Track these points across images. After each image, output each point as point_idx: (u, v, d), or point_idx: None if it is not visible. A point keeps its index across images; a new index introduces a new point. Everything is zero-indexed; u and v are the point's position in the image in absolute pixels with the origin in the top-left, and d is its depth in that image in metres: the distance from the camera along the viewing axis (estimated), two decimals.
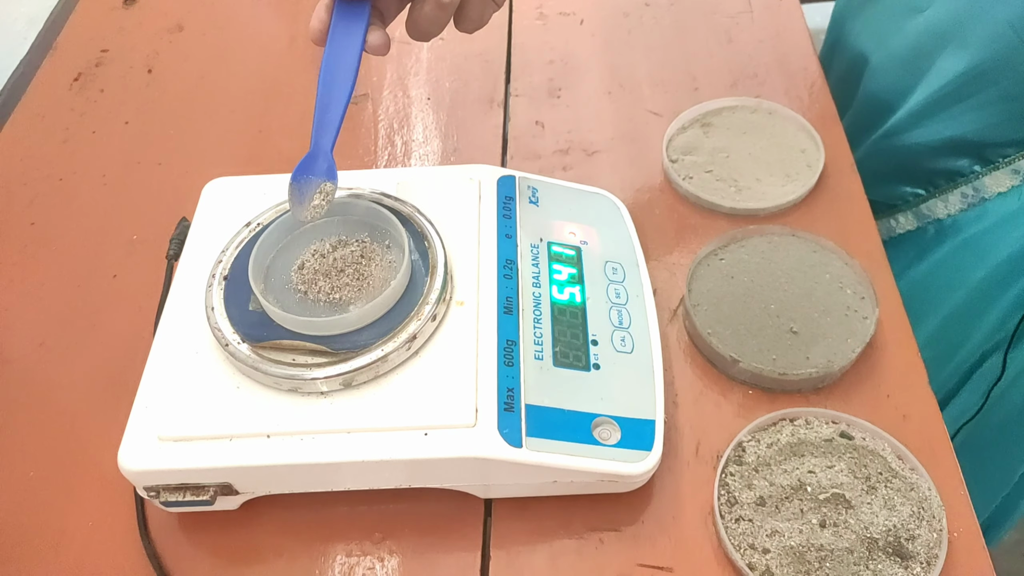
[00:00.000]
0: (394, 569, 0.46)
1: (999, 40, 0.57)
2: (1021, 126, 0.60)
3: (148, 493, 0.45)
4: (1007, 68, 0.58)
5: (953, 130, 0.64)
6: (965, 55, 0.60)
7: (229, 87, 0.75)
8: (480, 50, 0.75)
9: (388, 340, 0.45)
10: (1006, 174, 0.63)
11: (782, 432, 0.49)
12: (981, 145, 0.63)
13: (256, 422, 0.44)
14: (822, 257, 0.55)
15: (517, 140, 0.68)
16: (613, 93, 0.71)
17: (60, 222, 0.66)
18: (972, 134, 0.63)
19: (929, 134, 0.65)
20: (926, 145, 0.66)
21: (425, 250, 0.49)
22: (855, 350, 0.50)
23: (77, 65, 0.78)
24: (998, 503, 0.80)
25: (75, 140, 0.72)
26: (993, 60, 0.58)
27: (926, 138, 0.66)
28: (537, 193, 0.56)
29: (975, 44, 0.59)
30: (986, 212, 0.65)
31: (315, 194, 0.47)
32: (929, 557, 0.44)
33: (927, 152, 0.67)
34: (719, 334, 0.52)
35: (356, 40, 0.46)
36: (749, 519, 0.46)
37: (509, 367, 0.46)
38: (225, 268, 0.49)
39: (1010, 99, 0.59)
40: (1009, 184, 0.63)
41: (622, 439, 0.45)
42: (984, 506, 0.81)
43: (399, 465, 0.43)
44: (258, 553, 0.48)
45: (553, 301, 0.50)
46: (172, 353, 0.47)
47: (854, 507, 0.45)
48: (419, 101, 0.72)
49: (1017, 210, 0.63)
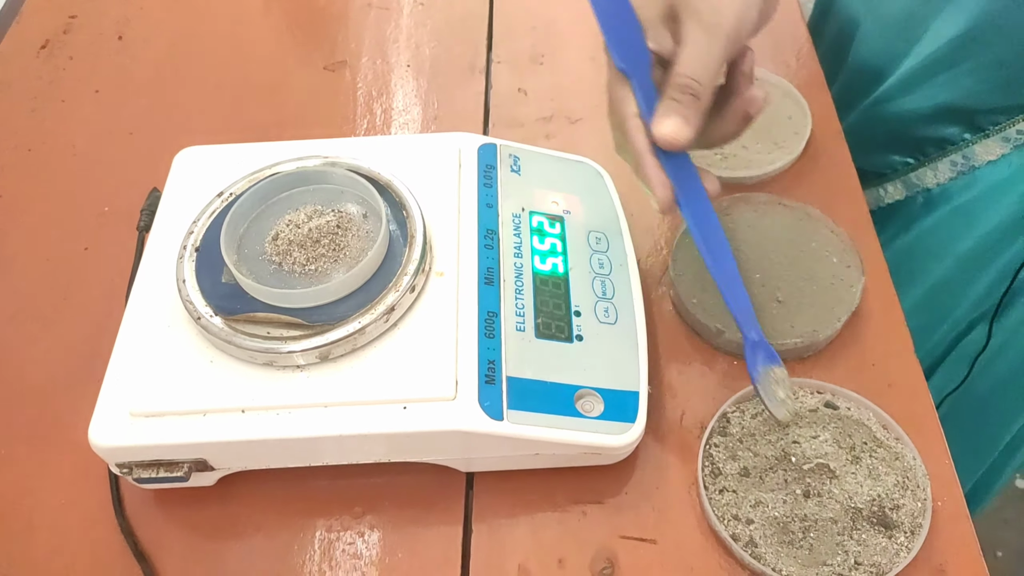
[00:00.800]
0: (375, 543, 0.46)
1: (994, 2, 0.56)
2: (1012, 93, 0.60)
3: (121, 470, 0.44)
4: (1001, 31, 0.57)
5: (944, 97, 0.63)
6: (959, 18, 0.59)
7: (201, 54, 0.73)
8: (461, 16, 0.73)
9: (365, 312, 0.44)
10: (996, 142, 0.62)
11: None
12: (972, 112, 0.62)
13: (230, 397, 0.43)
14: (808, 226, 0.55)
15: (499, 108, 0.66)
16: (597, 59, 0.69)
17: (29, 194, 0.64)
18: (963, 101, 0.62)
19: (920, 100, 0.64)
20: (916, 112, 0.65)
21: (403, 220, 0.48)
22: (840, 319, 0.50)
23: (44, 32, 0.75)
24: (982, 472, 0.81)
25: (43, 109, 0.69)
26: (987, 23, 0.57)
27: (917, 105, 0.65)
28: (519, 161, 0.54)
29: (969, 6, 0.58)
30: (976, 181, 0.64)
31: (774, 386, 0.44)
32: (913, 526, 0.43)
33: (917, 120, 0.66)
34: (703, 304, 0.51)
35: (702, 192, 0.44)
36: (733, 490, 0.45)
37: (490, 339, 0.45)
38: (197, 239, 0.47)
39: (1002, 65, 0.58)
40: (999, 152, 0.62)
41: (605, 411, 0.44)
42: (969, 475, 0.81)
43: (378, 439, 0.43)
44: (236, 529, 0.47)
45: (535, 272, 0.49)
46: (143, 327, 0.46)
47: (838, 477, 0.45)
48: (399, 68, 0.70)
49: (1007, 178, 0.62)
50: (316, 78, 0.70)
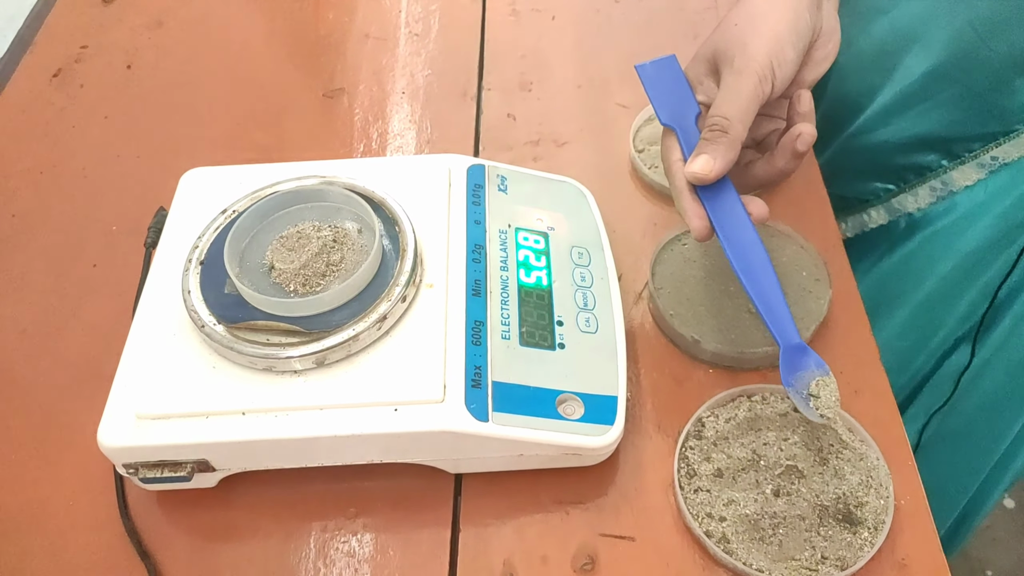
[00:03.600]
0: (367, 543, 0.48)
1: (961, 39, 0.59)
2: (984, 121, 0.62)
3: (127, 470, 0.46)
4: (969, 66, 0.60)
5: (920, 127, 0.66)
6: (929, 55, 0.62)
7: (206, 82, 0.76)
8: (454, 45, 0.77)
9: (359, 320, 0.46)
10: (972, 168, 0.64)
11: (740, 408, 0.51)
12: (947, 140, 0.65)
13: (231, 400, 0.45)
14: (779, 242, 0.58)
15: (489, 132, 0.69)
16: (583, 87, 0.73)
17: (41, 214, 0.67)
18: (938, 130, 0.65)
19: (897, 132, 0.67)
20: (894, 142, 0.68)
21: (396, 235, 0.51)
22: (809, 329, 0.53)
23: (57, 61, 0.79)
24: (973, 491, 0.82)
25: (55, 134, 0.73)
26: (955, 59, 0.60)
27: (894, 135, 0.67)
28: (506, 181, 0.57)
29: (938, 44, 0.61)
30: (954, 205, 0.66)
31: (821, 389, 0.47)
32: (876, 523, 0.46)
33: (895, 149, 0.68)
34: (681, 315, 0.54)
35: (742, 218, 0.47)
36: (707, 490, 0.48)
37: (477, 346, 0.48)
38: (201, 253, 0.50)
39: (973, 95, 0.61)
40: (976, 177, 0.64)
41: (585, 414, 0.47)
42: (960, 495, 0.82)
43: (370, 440, 0.45)
44: (235, 530, 0.49)
45: (520, 284, 0.52)
46: (150, 335, 0.48)
47: (806, 477, 0.47)
48: (394, 95, 0.74)
49: (983, 202, 0.64)
50: (315, 104, 0.73)
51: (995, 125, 0.62)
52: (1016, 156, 0.62)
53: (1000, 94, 0.60)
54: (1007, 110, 0.60)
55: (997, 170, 0.63)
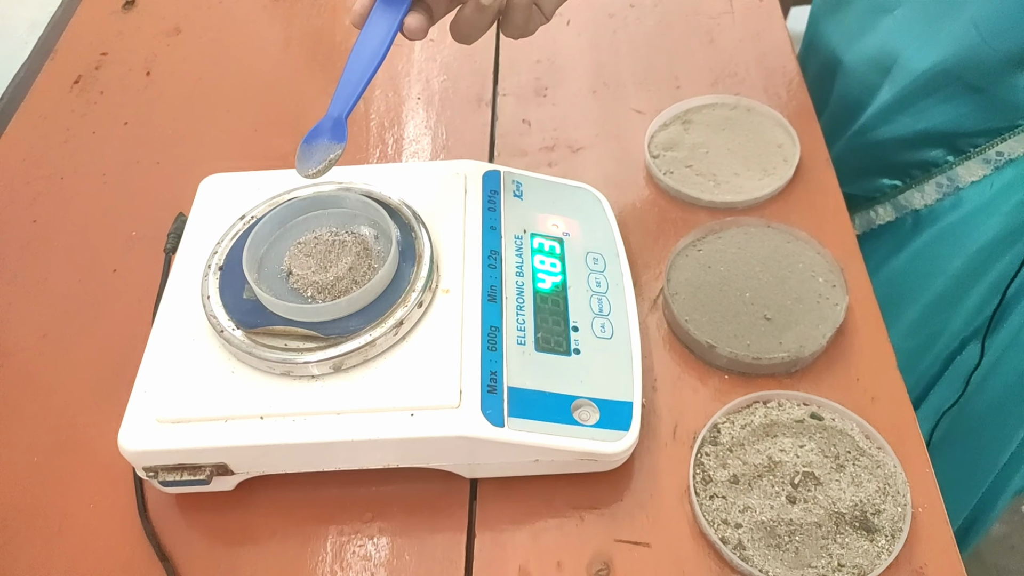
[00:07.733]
0: (384, 547, 0.48)
1: (963, 38, 0.60)
2: (989, 116, 0.62)
3: (147, 473, 0.47)
4: (971, 64, 0.60)
5: (924, 123, 0.66)
6: (931, 52, 0.62)
7: (225, 88, 0.77)
8: (469, 51, 0.77)
9: (376, 326, 0.47)
10: (978, 163, 0.65)
11: (756, 414, 0.51)
12: (952, 136, 0.65)
13: (250, 404, 0.46)
14: (795, 247, 0.58)
15: (504, 138, 0.70)
16: (598, 92, 0.73)
17: (61, 219, 0.68)
18: (943, 126, 0.65)
19: (901, 128, 0.67)
20: (899, 139, 0.68)
21: (412, 241, 0.51)
22: (826, 335, 0.53)
23: (77, 68, 0.80)
24: (984, 489, 0.82)
25: (75, 140, 0.74)
26: (957, 56, 0.61)
27: (899, 132, 0.68)
28: (521, 187, 0.58)
29: (940, 42, 0.61)
30: (961, 201, 0.66)
31: (322, 155, 0.48)
32: (894, 530, 0.46)
33: (901, 145, 0.69)
34: (696, 321, 0.54)
35: (393, 21, 0.48)
36: (723, 496, 0.48)
37: (492, 352, 0.48)
38: (220, 259, 0.51)
39: (976, 91, 0.61)
40: (982, 173, 0.65)
41: (600, 419, 0.47)
42: (971, 493, 0.82)
43: (387, 444, 0.45)
44: (253, 533, 0.50)
45: (536, 289, 0.52)
46: (170, 340, 0.49)
47: (823, 484, 0.47)
48: (409, 100, 0.74)
49: (990, 198, 0.65)
50: None
51: (999, 120, 0.62)
52: (1021, 152, 0.62)
53: (1003, 90, 0.60)
54: (1011, 105, 0.61)
55: (1003, 166, 0.63)
